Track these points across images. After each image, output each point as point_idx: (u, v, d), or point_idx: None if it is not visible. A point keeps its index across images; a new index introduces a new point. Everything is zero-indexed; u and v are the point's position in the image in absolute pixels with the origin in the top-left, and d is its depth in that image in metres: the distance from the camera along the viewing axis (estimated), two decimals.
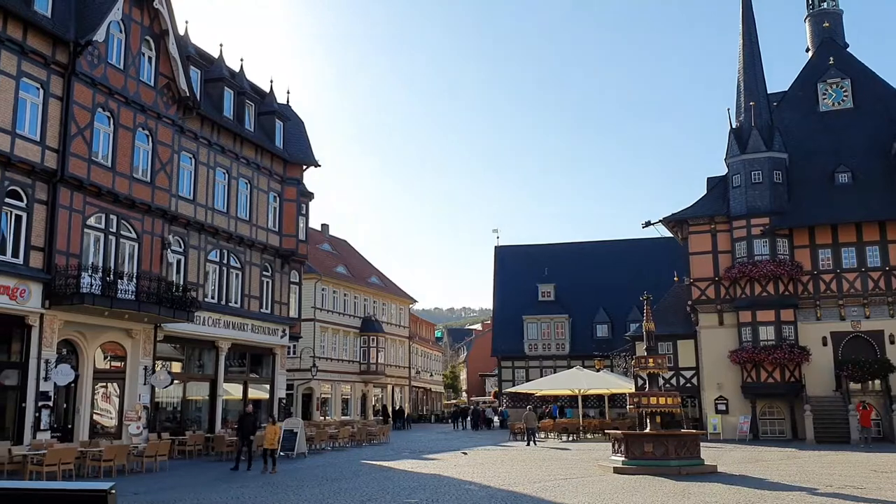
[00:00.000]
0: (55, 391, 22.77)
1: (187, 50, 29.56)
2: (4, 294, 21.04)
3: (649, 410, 22.30)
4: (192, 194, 29.52)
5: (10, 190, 21.73)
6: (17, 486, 2.84)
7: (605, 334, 55.81)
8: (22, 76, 22.09)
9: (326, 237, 61.04)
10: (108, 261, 24.57)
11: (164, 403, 28.81)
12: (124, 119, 25.54)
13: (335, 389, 52.70)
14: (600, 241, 64.16)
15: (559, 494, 16.27)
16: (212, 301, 30.41)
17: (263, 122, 35.05)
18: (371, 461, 25.63)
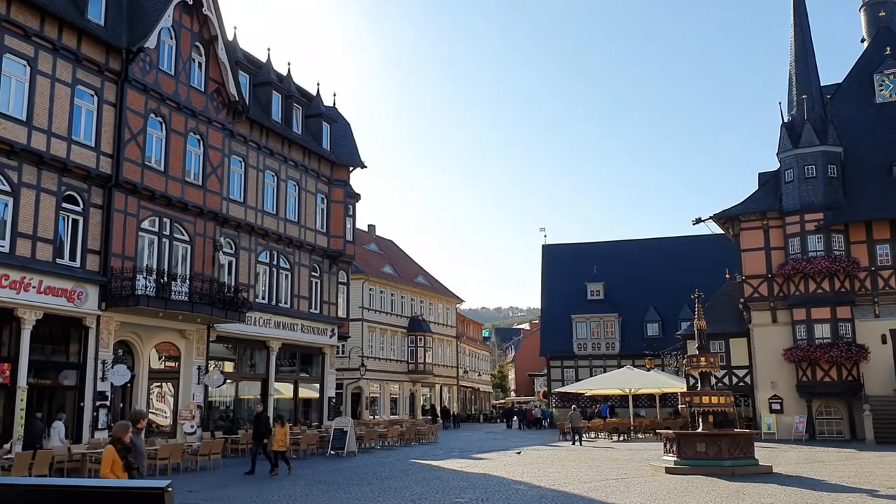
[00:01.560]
0: (112, 391, 23.34)
1: (236, 55, 30.03)
2: (63, 296, 21.63)
3: (701, 410, 21.96)
4: (242, 197, 29.99)
5: (67, 195, 22.34)
6: (78, 483, 2.91)
7: (656, 333, 55.11)
8: (77, 83, 22.70)
9: (373, 237, 61.44)
10: (161, 263, 25.11)
11: (217, 403, 29.32)
12: (176, 124, 26.05)
13: (384, 389, 53.01)
14: (650, 239, 63.39)
15: (610, 494, 16.11)
16: (262, 301, 30.85)
17: (311, 125, 35.43)
18: (420, 460, 25.71)
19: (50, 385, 22.37)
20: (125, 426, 8.85)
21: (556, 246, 65.34)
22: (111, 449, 8.47)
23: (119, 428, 8.78)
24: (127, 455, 8.58)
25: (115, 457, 8.40)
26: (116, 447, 8.50)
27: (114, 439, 8.62)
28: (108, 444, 8.59)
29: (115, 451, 8.45)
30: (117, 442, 8.58)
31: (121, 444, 8.58)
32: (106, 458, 8.40)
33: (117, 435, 8.67)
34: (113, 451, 8.44)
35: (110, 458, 8.39)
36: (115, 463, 8.39)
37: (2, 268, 19.90)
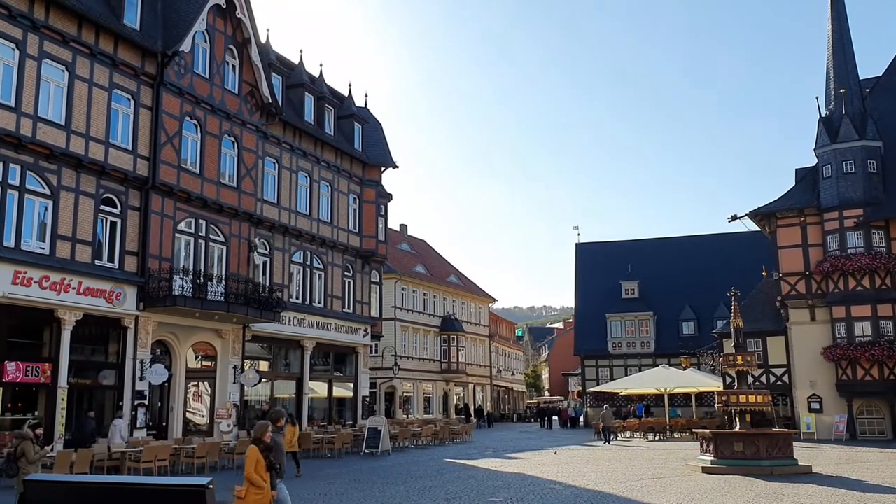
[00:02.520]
0: (150, 390, 23.69)
1: (269, 57, 30.29)
2: (101, 297, 22.01)
3: (738, 409, 21.67)
4: (276, 198, 30.25)
5: (105, 197, 22.71)
6: (124, 480, 2.95)
7: (692, 332, 54.51)
8: (114, 88, 23.07)
9: (405, 237, 61.58)
10: (198, 264, 25.43)
11: (252, 401, 29.61)
12: (211, 126, 26.36)
13: (417, 388, 53.13)
14: (685, 237, 62.72)
15: (646, 494, 15.97)
16: (296, 301, 31.10)
17: (343, 126, 35.63)
18: (454, 460, 25.72)
19: (90, 385, 22.76)
20: (266, 426, 8.93)
21: (589, 244, 64.95)
22: (255, 449, 8.56)
23: (260, 428, 8.86)
24: (269, 454, 8.68)
25: (258, 456, 8.50)
26: (259, 447, 8.61)
27: (256, 439, 8.71)
28: (251, 445, 8.67)
29: (258, 450, 8.55)
30: (259, 442, 8.67)
31: (263, 444, 8.68)
32: (250, 458, 8.48)
33: (259, 435, 8.76)
34: (256, 450, 8.54)
35: (254, 458, 8.48)
36: (258, 462, 8.49)
37: (42, 269, 20.30)
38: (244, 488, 8.47)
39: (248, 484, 8.48)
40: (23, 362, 20.26)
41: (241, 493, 8.47)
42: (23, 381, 20.29)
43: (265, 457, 8.63)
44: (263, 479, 8.54)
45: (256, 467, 8.51)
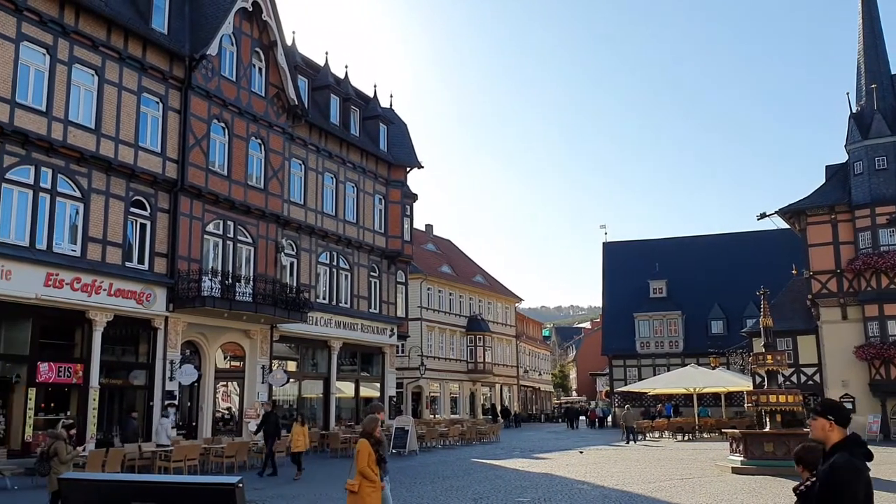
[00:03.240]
0: (180, 390, 23.94)
1: (295, 59, 30.49)
2: (132, 298, 22.29)
3: (769, 409, 21.45)
4: (302, 199, 30.43)
5: (135, 200, 23.01)
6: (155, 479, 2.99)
7: (721, 331, 53.95)
8: (143, 91, 23.35)
9: (430, 237, 61.62)
10: (226, 265, 25.67)
11: (281, 401, 29.80)
12: (238, 129, 26.58)
13: (443, 388, 53.14)
14: (713, 235, 62.09)
15: (675, 495, 15.85)
16: (323, 302, 31.26)
17: (368, 127, 35.76)
18: (481, 460, 25.70)
19: (121, 385, 23.06)
20: (376, 420, 8.99)
21: (616, 243, 64.53)
22: (366, 443, 8.62)
23: (369, 422, 8.92)
24: (379, 448, 8.75)
25: (370, 450, 8.57)
26: (370, 441, 8.67)
27: (366, 433, 8.78)
28: (361, 439, 8.72)
29: (369, 444, 8.61)
30: (370, 436, 8.73)
31: (374, 439, 8.73)
32: (362, 453, 8.54)
33: (369, 429, 8.82)
34: (367, 444, 8.60)
35: (366, 452, 8.54)
36: (370, 456, 8.55)
37: (74, 271, 20.60)
38: (357, 482, 8.51)
39: (360, 478, 8.50)
40: (55, 363, 20.60)
41: (353, 486, 8.53)
42: (55, 381, 20.62)
43: (375, 450, 8.67)
44: (375, 472, 8.60)
45: (368, 461, 8.54)
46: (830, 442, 4.26)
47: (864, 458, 4.19)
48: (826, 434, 4.27)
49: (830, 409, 4.30)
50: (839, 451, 4.18)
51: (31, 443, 19.43)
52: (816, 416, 4.30)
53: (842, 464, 4.10)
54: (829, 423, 4.26)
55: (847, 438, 4.23)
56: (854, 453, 4.15)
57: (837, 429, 4.25)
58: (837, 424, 4.25)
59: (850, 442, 4.21)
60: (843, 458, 4.13)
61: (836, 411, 4.30)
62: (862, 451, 4.20)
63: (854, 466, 4.09)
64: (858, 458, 4.15)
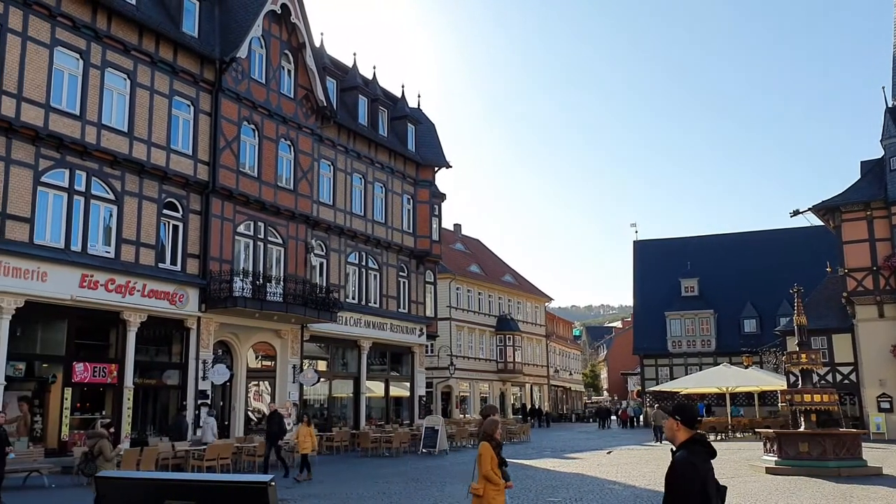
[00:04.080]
0: (212, 390, 24.19)
1: (323, 61, 30.65)
2: (165, 299, 22.56)
3: (803, 408, 21.13)
4: (331, 200, 30.58)
5: (168, 202, 23.28)
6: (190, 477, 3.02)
7: (754, 329, 53.30)
8: (174, 94, 23.63)
9: (459, 237, 61.62)
10: (257, 265, 25.88)
11: (311, 400, 29.99)
12: (268, 131, 26.80)
13: (473, 388, 53.11)
14: (745, 233, 61.35)
15: None
16: (352, 301, 31.39)
17: (396, 127, 35.84)
18: (512, 459, 25.51)
19: (154, 385, 23.36)
20: (496, 423, 8.98)
21: (647, 242, 64.05)
22: (487, 446, 8.59)
23: (490, 424, 8.89)
24: (499, 451, 8.75)
25: (491, 453, 8.55)
26: (491, 444, 8.66)
27: (487, 436, 8.74)
28: (483, 441, 8.68)
29: (490, 447, 8.59)
30: (491, 438, 8.71)
31: (494, 441, 8.73)
32: (485, 456, 8.50)
33: (489, 431, 8.79)
34: (489, 447, 8.58)
35: (489, 455, 8.51)
36: (493, 459, 8.53)
37: (108, 272, 20.91)
38: (481, 486, 8.45)
39: (484, 481, 8.45)
40: (90, 363, 20.92)
41: (478, 490, 8.46)
42: (91, 381, 20.95)
43: (497, 453, 8.63)
44: (498, 475, 8.55)
45: (491, 464, 8.49)
46: (678, 441, 4.60)
47: (705, 456, 4.53)
48: (674, 433, 4.63)
49: (679, 411, 4.65)
50: (680, 450, 4.55)
51: (67, 442, 19.78)
52: (667, 417, 4.68)
53: (678, 460, 4.49)
54: (676, 423, 4.60)
55: (690, 438, 4.56)
56: (693, 451, 4.49)
57: (683, 429, 4.59)
58: (684, 425, 4.59)
59: (691, 441, 4.55)
60: (681, 456, 4.50)
61: (683, 412, 4.63)
62: (703, 450, 4.54)
63: (689, 462, 4.43)
64: (697, 455, 4.48)
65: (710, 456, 4.59)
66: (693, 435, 4.60)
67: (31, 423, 19.74)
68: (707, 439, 4.73)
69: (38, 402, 20.22)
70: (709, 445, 4.63)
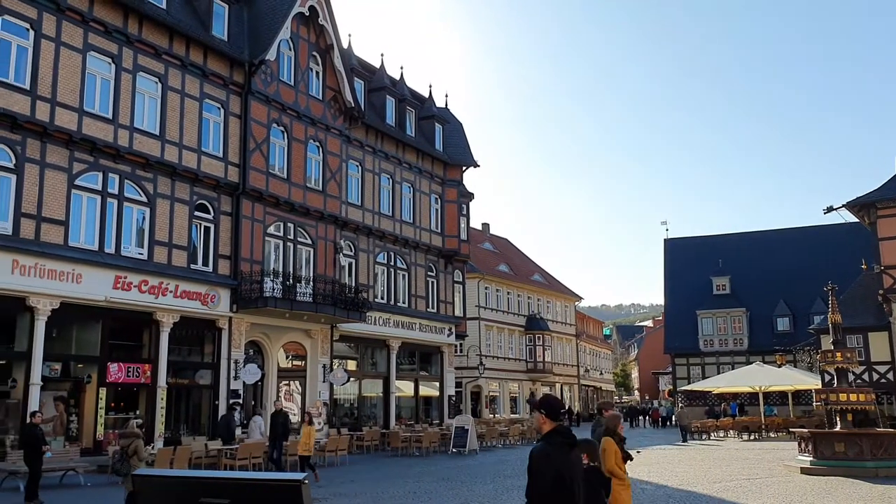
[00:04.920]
0: (244, 389, 24.40)
1: (351, 62, 30.77)
2: (197, 300, 22.81)
3: (839, 408, 20.79)
4: (359, 200, 30.70)
5: (199, 204, 23.53)
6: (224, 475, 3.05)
7: (787, 328, 52.57)
8: (204, 97, 23.87)
9: (487, 236, 61.49)
10: (287, 266, 26.07)
11: (341, 400, 30.14)
12: (296, 132, 26.97)
13: (503, 387, 52.99)
14: (778, 230, 60.55)
15: (742, 495, 15.50)
16: (381, 301, 31.48)
17: (423, 127, 35.88)
18: None
19: (187, 384, 23.62)
20: (618, 417, 9.02)
21: (678, 240, 63.47)
22: (611, 441, 8.59)
23: (614, 419, 8.93)
24: (623, 446, 8.76)
25: (616, 448, 8.58)
26: (615, 439, 8.68)
27: (610, 431, 8.76)
28: (606, 437, 8.66)
29: (614, 442, 8.62)
30: (614, 434, 8.73)
31: (618, 437, 8.75)
32: (609, 452, 8.50)
33: (612, 426, 8.81)
34: (613, 443, 8.60)
35: (613, 451, 8.53)
36: (616, 455, 8.56)
37: (141, 274, 21.19)
38: None
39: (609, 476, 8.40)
40: (124, 363, 21.21)
41: None
42: (125, 381, 21.24)
43: (621, 448, 8.63)
44: (623, 469, 8.55)
45: (616, 460, 8.50)
46: (543, 432, 4.98)
47: (564, 447, 4.92)
48: (540, 425, 5.02)
49: (544, 405, 5.07)
50: (542, 440, 4.95)
51: (102, 441, 20.07)
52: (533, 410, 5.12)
53: (535, 450, 4.92)
54: (542, 416, 5.01)
55: (553, 429, 4.95)
56: (551, 442, 4.91)
57: (549, 421, 4.99)
58: (548, 417, 5.00)
59: (553, 432, 4.94)
60: (540, 446, 4.92)
61: (548, 406, 5.05)
62: (562, 440, 4.93)
63: (545, 452, 4.86)
64: (555, 445, 4.89)
65: (569, 446, 4.94)
66: (555, 427, 4.96)
67: (67, 423, 20.07)
68: (569, 430, 5.14)
69: (73, 401, 20.55)
70: (569, 436, 5.00)
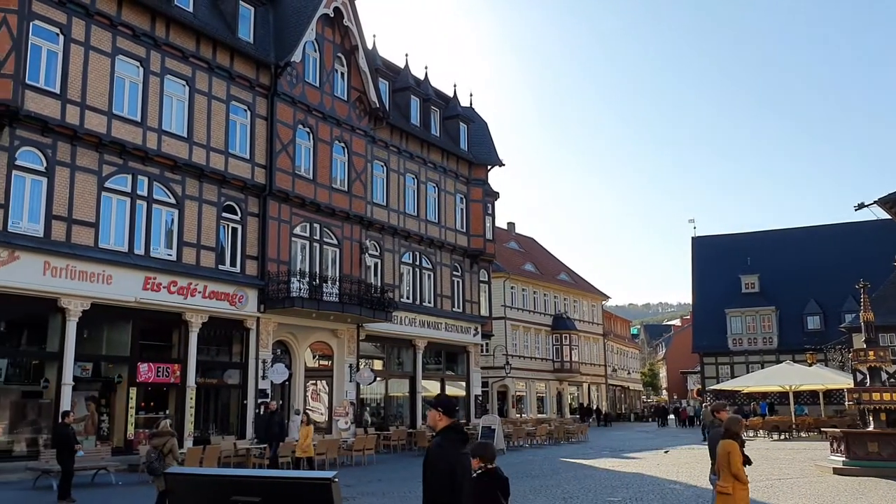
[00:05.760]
0: (272, 389, 24.55)
1: (375, 63, 30.83)
2: (225, 300, 22.99)
3: (872, 407, 20.47)
4: (384, 200, 30.77)
5: (227, 205, 23.73)
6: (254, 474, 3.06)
7: (817, 326, 51.92)
8: (231, 100, 24.07)
9: (513, 235, 61.38)
10: (313, 266, 26.20)
11: (368, 400, 30.22)
12: (322, 133, 27.10)
13: (529, 387, 52.85)
14: (807, 227, 59.87)
15: (773, 496, 15.32)
16: (407, 301, 31.52)
17: (448, 126, 35.86)
18: (570, 459, 25.45)
19: (216, 384, 23.82)
20: (738, 420, 8.95)
21: (706, 238, 62.96)
22: (734, 443, 8.53)
23: (735, 422, 8.86)
24: (742, 448, 8.69)
25: (737, 450, 8.53)
26: (737, 441, 8.63)
27: (732, 433, 8.69)
28: (727, 440, 8.60)
29: (736, 445, 8.57)
30: (736, 436, 8.68)
31: (740, 439, 8.71)
32: (734, 454, 8.43)
33: (735, 429, 8.74)
34: (735, 445, 8.55)
35: (736, 453, 8.47)
36: (740, 457, 8.50)
37: (170, 275, 21.41)
38: (729, 484, 8.39)
39: (733, 479, 8.40)
40: (154, 363, 21.44)
41: (727, 489, 8.39)
42: (154, 381, 21.46)
43: (741, 451, 8.57)
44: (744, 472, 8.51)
45: (740, 462, 8.44)
46: (438, 428, 5.22)
47: (458, 443, 5.17)
48: (436, 422, 5.24)
49: (440, 403, 5.30)
50: (437, 436, 5.20)
51: (132, 440, 20.30)
52: (430, 408, 5.30)
53: (433, 446, 5.19)
54: (438, 413, 5.22)
55: (448, 426, 5.19)
56: (447, 438, 5.14)
57: (445, 418, 5.21)
58: (445, 415, 5.21)
59: (447, 429, 5.18)
60: (436, 442, 5.18)
61: (444, 405, 5.28)
62: (457, 437, 5.19)
63: (439, 447, 5.11)
64: (450, 441, 5.13)
65: (462, 443, 5.20)
66: (450, 423, 5.20)
67: (98, 422, 20.34)
68: (461, 427, 5.39)
69: (104, 401, 20.81)
70: (462, 433, 5.26)
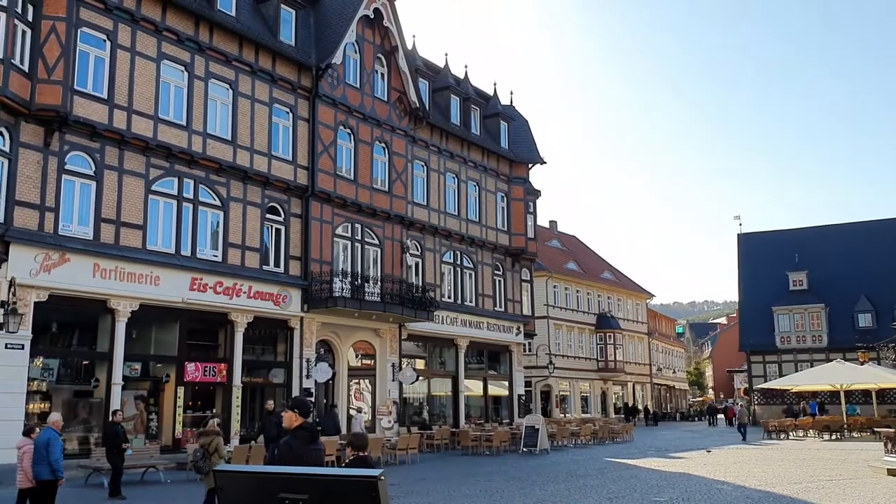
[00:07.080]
0: (316, 387, 24.78)
1: (415, 63, 30.91)
2: (269, 300, 23.27)
3: None
4: (425, 200, 30.82)
5: (270, 206, 24.01)
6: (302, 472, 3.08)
7: (869, 324, 50.63)
8: (273, 102, 24.33)
9: (555, 234, 61.03)
10: (355, 266, 26.37)
11: (411, 399, 30.31)
12: (363, 134, 27.26)
13: (573, 387, 52.52)
14: (857, 223, 58.44)
15: (824, 497, 14.98)
16: (448, 300, 31.53)
17: (488, 125, 35.79)
18: (615, 459, 25.22)
19: (261, 383, 24.12)
20: None
21: (752, 235, 61.87)
22: None
23: None
24: None
25: None
26: None
27: None
28: None
29: None
30: None
31: None
32: None
33: None
34: None
35: None
36: None
37: (216, 276, 21.73)
38: None
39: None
40: (201, 363, 21.80)
41: None
42: (201, 380, 21.81)
43: None
44: None
45: None
46: (291, 427, 5.72)
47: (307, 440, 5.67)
48: (291, 422, 5.73)
49: (296, 405, 5.83)
50: (289, 434, 5.71)
51: (180, 439, 20.65)
52: (287, 409, 5.82)
53: (282, 444, 5.71)
54: (294, 414, 5.74)
55: (299, 425, 5.71)
56: (297, 436, 5.66)
57: (299, 418, 5.73)
58: (300, 415, 5.75)
59: (299, 427, 5.70)
60: (285, 440, 5.69)
61: (299, 406, 5.84)
62: (306, 434, 5.70)
63: (288, 445, 5.62)
64: (298, 439, 5.64)
65: (311, 440, 5.71)
66: (302, 423, 5.71)
67: (147, 421, 20.73)
68: (313, 427, 5.96)
69: (152, 400, 21.21)
70: (312, 431, 5.82)
